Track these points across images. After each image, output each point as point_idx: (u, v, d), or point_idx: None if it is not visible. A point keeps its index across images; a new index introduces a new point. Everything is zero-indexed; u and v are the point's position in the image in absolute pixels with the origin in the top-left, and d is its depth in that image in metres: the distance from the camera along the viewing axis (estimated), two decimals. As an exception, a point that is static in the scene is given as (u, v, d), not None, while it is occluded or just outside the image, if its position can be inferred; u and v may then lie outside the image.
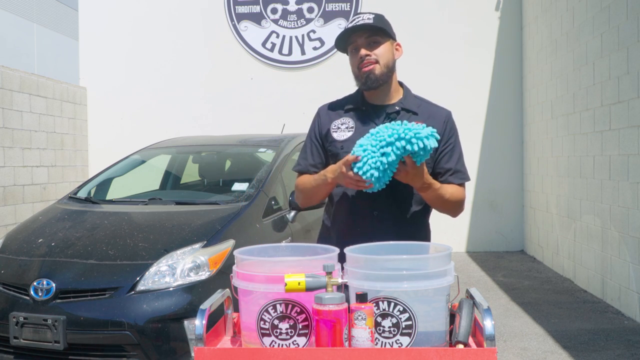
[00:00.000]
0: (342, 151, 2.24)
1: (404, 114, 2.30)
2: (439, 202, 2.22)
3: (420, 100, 2.39)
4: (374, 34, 2.24)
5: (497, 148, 8.66)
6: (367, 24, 2.22)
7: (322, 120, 2.38)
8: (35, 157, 7.60)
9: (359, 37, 2.24)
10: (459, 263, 7.47)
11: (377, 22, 2.23)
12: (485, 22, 8.68)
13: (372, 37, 2.24)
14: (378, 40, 2.25)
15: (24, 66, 12.88)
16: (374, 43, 2.24)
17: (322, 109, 2.42)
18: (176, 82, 9.04)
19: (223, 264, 3.60)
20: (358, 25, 2.23)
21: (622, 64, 5.15)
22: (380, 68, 2.24)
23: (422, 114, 2.31)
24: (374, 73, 2.23)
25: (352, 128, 2.29)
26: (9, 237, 4.07)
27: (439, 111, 2.36)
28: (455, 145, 2.32)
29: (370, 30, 2.23)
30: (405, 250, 2.00)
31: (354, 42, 2.26)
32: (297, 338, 1.69)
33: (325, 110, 2.40)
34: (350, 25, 2.25)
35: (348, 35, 2.26)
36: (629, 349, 4.25)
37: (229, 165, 5.61)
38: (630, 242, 5.01)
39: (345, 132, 2.29)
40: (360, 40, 2.24)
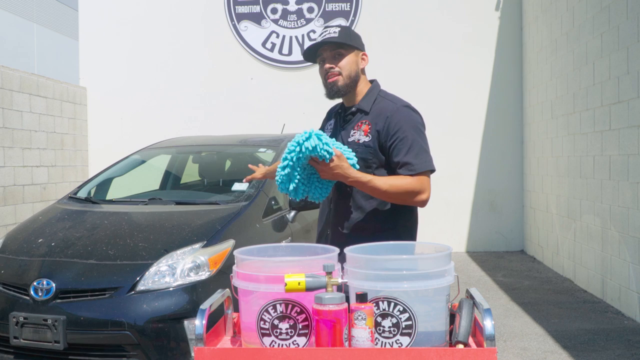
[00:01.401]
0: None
1: (358, 114, 2.46)
2: (379, 193, 2.29)
3: (380, 98, 2.47)
4: (339, 47, 2.40)
5: (497, 148, 8.66)
6: (328, 39, 2.38)
7: (323, 121, 2.68)
8: (35, 157, 7.60)
9: (325, 51, 2.43)
10: (459, 263, 7.47)
11: (341, 36, 2.39)
12: (485, 22, 8.68)
13: (337, 49, 2.41)
14: (342, 52, 2.41)
15: (24, 66, 12.88)
16: (339, 55, 2.41)
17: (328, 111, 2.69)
18: (176, 82, 9.04)
19: (223, 264, 3.60)
20: (319, 41, 2.41)
21: (622, 64, 5.15)
22: (343, 79, 2.41)
23: (372, 112, 2.44)
24: (337, 85, 2.41)
25: (332, 129, 2.54)
26: (9, 237, 4.07)
27: (387, 107, 2.42)
28: (404, 138, 2.32)
29: (334, 44, 2.40)
30: (405, 250, 2.01)
31: (320, 55, 2.45)
32: (297, 338, 1.69)
33: (328, 112, 2.68)
34: (316, 41, 2.43)
35: (316, 48, 2.43)
36: (629, 349, 4.25)
37: (229, 165, 5.61)
38: (630, 242, 5.01)
39: (328, 133, 2.53)
40: (326, 53, 2.43)
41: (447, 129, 8.56)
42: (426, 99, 8.65)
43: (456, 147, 8.58)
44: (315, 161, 2.16)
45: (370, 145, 2.35)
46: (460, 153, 8.59)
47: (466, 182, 8.65)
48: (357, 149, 2.35)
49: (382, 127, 2.35)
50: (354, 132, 2.39)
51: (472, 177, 8.68)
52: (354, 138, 2.38)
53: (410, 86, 8.68)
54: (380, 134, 2.35)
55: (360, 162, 2.33)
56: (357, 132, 2.39)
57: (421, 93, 8.67)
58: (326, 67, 2.40)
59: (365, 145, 2.35)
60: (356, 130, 2.39)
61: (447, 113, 8.64)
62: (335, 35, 2.37)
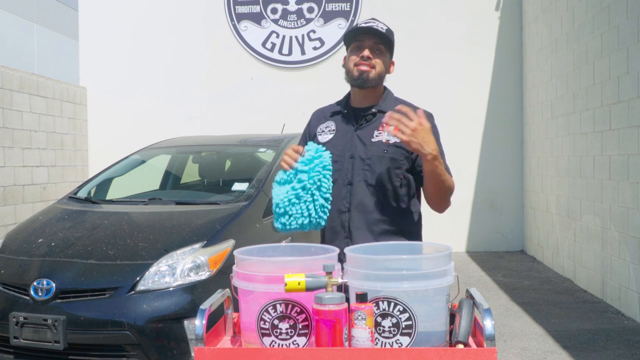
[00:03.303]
0: None
1: (379, 115, 2.36)
2: (439, 181, 2.21)
3: (400, 102, 2.42)
4: (381, 43, 2.34)
5: (497, 148, 8.66)
6: (380, 31, 2.32)
7: (312, 124, 2.51)
8: (35, 157, 7.59)
9: (368, 39, 2.33)
10: (459, 263, 7.47)
11: (388, 34, 2.34)
12: (485, 22, 8.68)
13: (379, 44, 2.33)
14: (382, 49, 2.34)
15: (24, 66, 12.88)
16: (378, 51, 2.34)
17: (314, 113, 2.55)
18: (176, 82, 9.04)
19: (223, 264, 3.60)
20: (373, 28, 2.31)
21: (622, 64, 5.15)
22: (374, 73, 2.33)
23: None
24: (368, 75, 2.32)
25: (334, 131, 2.40)
26: (9, 237, 4.07)
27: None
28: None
29: (380, 38, 2.32)
30: (405, 250, 2.01)
31: (360, 41, 2.34)
32: (297, 338, 1.69)
33: (316, 114, 2.53)
34: (364, 25, 2.33)
35: (358, 32, 2.34)
36: (629, 349, 4.25)
37: (229, 165, 5.61)
38: (630, 242, 5.01)
39: (327, 135, 2.40)
40: (368, 42, 2.33)
41: (447, 129, 8.47)
42: (426, 99, 8.60)
43: (456, 147, 8.55)
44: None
45: (403, 146, 2.24)
46: (460, 153, 8.58)
47: (466, 182, 8.65)
48: (385, 149, 2.29)
49: None
50: (380, 133, 2.31)
51: (472, 177, 8.68)
52: (381, 138, 2.30)
53: (410, 86, 8.66)
54: None
55: (389, 162, 2.28)
56: (384, 132, 2.30)
57: (421, 93, 8.65)
58: (365, 55, 2.30)
59: (396, 145, 2.28)
60: (382, 131, 2.30)
61: (447, 113, 8.62)
62: (383, 31, 2.32)
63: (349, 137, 2.35)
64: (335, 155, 2.30)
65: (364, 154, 2.30)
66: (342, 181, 2.30)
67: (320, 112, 2.53)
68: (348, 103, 2.44)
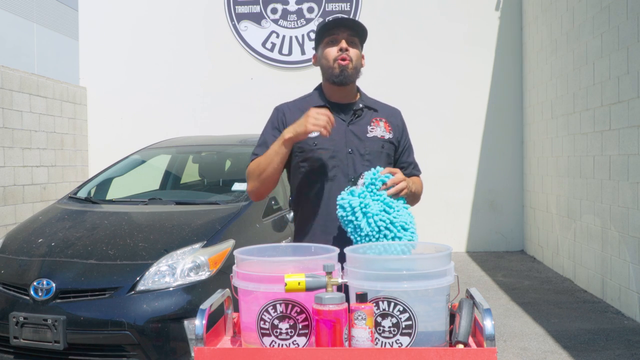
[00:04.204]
0: (315, 147, 2.27)
1: (366, 111, 2.38)
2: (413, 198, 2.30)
3: (374, 100, 2.48)
4: (355, 35, 2.31)
5: (497, 148, 8.66)
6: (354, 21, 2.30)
7: (287, 117, 2.37)
8: (35, 157, 7.59)
9: (342, 32, 2.29)
10: (459, 263, 7.47)
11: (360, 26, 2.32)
12: (485, 22, 8.68)
13: (353, 37, 2.30)
14: (356, 42, 2.32)
15: (24, 66, 12.88)
16: (353, 43, 2.31)
17: (284, 107, 2.43)
18: (176, 82, 9.04)
19: (223, 264, 3.60)
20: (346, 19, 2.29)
21: (622, 64, 5.15)
22: (352, 67, 2.30)
23: (381, 111, 2.42)
24: (348, 70, 2.28)
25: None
26: (9, 237, 4.07)
27: (394, 110, 2.48)
28: (409, 140, 2.48)
29: (353, 30, 2.30)
30: (405, 250, 2.00)
31: (334, 34, 2.29)
32: (297, 338, 1.69)
33: (287, 108, 2.41)
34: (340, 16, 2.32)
35: (331, 26, 2.29)
36: (629, 349, 4.25)
37: (229, 165, 5.61)
38: (630, 242, 5.01)
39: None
40: (343, 35, 2.29)
41: (447, 129, 8.56)
42: (426, 99, 8.66)
43: (456, 147, 8.58)
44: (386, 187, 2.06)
45: (394, 142, 2.36)
46: (460, 153, 8.59)
47: (466, 182, 8.65)
48: (382, 144, 2.31)
49: (399, 126, 2.41)
50: (373, 128, 2.32)
51: (472, 177, 8.68)
52: (375, 134, 2.31)
53: (411, 86, 8.69)
54: (397, 132, 2.39)
55: (386, 157, 2.32)
56: (377, 128, 2.32)
57: (421, 93, 8.67)
58: (343, 46, 2.25)
59: (390, 141, 2.34)
60: (374, 127, 2.32)
61: (447, 113, 8.64)
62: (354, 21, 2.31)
63: (343, 132, 2.30)
64: (332, 151, 2.27)
65: (362, 149, 2.29)
66: (343, 178, 2.25)
67: (292, 106, 2.42)
68: (326, 99, 2.37)
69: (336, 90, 2.35)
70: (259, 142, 2.41)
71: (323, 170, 2.26)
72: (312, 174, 2.28)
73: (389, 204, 2.01)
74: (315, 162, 2.27)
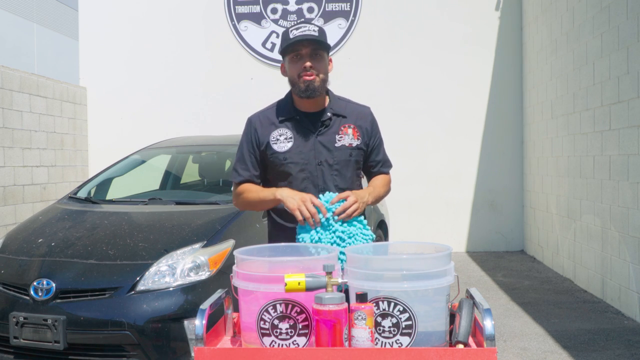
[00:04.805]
0: (286, 162, 2.35)
1: (335, 118, 2.41)
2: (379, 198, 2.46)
3: (345, 102, 2.51)
4: (319, 48, 2.34)
5: (497, 148, 8.66)
6: (316, 37, 2.31)
7: (259, 132, 2.43)
8: (35, 157, 7.59)
9: (305, 48, 2.32)
10: (459, 263, 7.47)
11: (321, 36, 2.33)
12: (485, 22, 8.68)
13: (317, 50, 2.34)
14: (321, 54, 2.36)
15: (24, 66, 12.88)
16: (317, 56, 2.34)
17: (255, 120, 2.47)
18: (176, 82, 9.04)
19: (223, 264, 3.60)
20: (308, 36, 2.30)
21: (622, 64, 5.15)
22: (319, 80, 2.34)
23: (349, 116, 2.45)
24: (314, 84, 2.32)
25: (291, 138, 2.37)
26: (9, 237, 4.07)
27: (363, 110, 2.51)
28: (381, 138, 2.54)
29: (316, 43, 2.32)
30: (405, 250, 2.01)
31: (297, 51, 2.33)
32: (297, 338, 1.69)
33: (259, 122, 2.46)
34: (299, 33, 2.31)
35: (293, 43, 2.32)
36: (629, 349, 4.25)
37: (229, 165, 5.61)
38: (630, 242, 5.01)
39: (285, 143, 2.37)
40: (305, 50, 2.33)
41: (447, 129, 8.56)
42: (426, 99, 8.65)
43: (456, 147, 8.58)
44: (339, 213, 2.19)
45: (363, 147, 2.43)
46: (460, 153, 8.59)
47: (466, 182, 8.65)
48: (350, 152, 2.38)
49: (367, 129, 2.45)
50: (341, 137, 2.38)
51: (472, 177, 8.68)
52: (344, 142, 2.38)
53: (411, 86, 8.68)
54: (366, 136, 2.44)
55: (354, 164, 2.41)
56: (346, 136, 2.38)
57: (421, 93, 8.67)
58: (307, 65, 2.30)
59: (358, 148, 2.41)
60: (343, 135, 2.38)
61: (447, 113, 8.63)
62: (316, 34, 2.31)
63: (311, 144, 2.36)
64: (301, 165, 2.34)
65: (331, 160, 2.35)
66: (313, 189, 2.32)
67: (263, 117, 2.46)
68: (295, 108, 2.42)
69: (304, 100, 2.39)
70: (237, 156, 2.49)
71: (294, 183, 2.33)
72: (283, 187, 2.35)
73: (340, 236, 2.16)
74: (286, 175, 2.36)
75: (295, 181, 2.33)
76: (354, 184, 2.40)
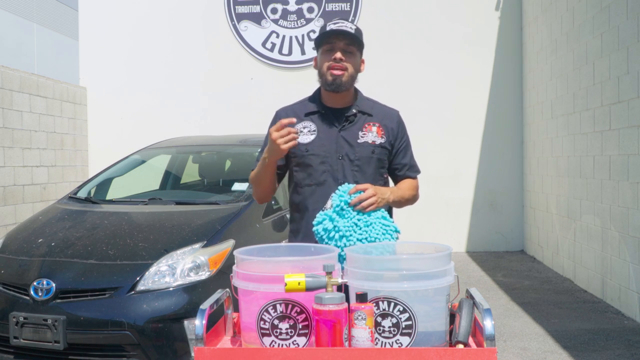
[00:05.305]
0: (307, 154, 2.36)
1: (360, 116, 2.42)
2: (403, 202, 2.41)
3: (372, 102, 2.51)
4: (352, 44, 2.35)
5: (497, 148, 8.66)
6: (351, 32, 2.33)
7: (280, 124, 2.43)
8: (35, 157, 7.60)
9: (339, 41, 2.34)
10: (459, 263, 7.47)
11: (358, 35, 2.36)
12: (485, 22, 8.68)
13: (350, 46, 2.35)
14: (353, 50, 2.37)
15: (24, 66, 12.88)
16: (349, 52, 2.36)
17: (281, 113, 2.51)
18: (176, 82, 9.04)
19: (223, 264, 3.60)
20: (343, 30, 2.32)
21: (622, 64, 5.15)
22: (347, 76, 2.35)
23: (376, 115, 2.44)
24: (341, 79, 2.34)
25: (315, 131, 2.39)
26: (9, 237, 4.07)
27: (390, 111, 2.50)
28: (408, 142, 2.51)
29: (350, 39, 2.34)
30: (405, 250, 2.01)
31: (331, 43, 2.35)
32: (297, 338, 1.69)
33: (285, 114, 2.48)
34: (335, 27, 2.34)
35: (328, 35, 2.35)
36: (629, 349, 4.25)
37: (229, 165, 5.61)
38: (630, 242, 5.01)
39: (308, 136, 2.39)
40: (339, 44, 2.34)
41: (447, 129, 8.56)
42: (426, 99, 8.66)
43: (456, 147, 8.58)
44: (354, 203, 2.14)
45: (387, 146, 2.40)
46: (460, 153, 8.59)
47: (466, 182, 8.65)
48: (373, 149, 2.36)
49: (393, 129, 2.43)
50: (364, 134, 2.37)
51: (472, 177, 8.68)
52: (367, 139, 2.36)
53: (411, 86, 8.69)
54: (391, 135, 2.42)
55: (377, 162, 2.38)
56: (369, 133, 2.37)
57: (421, 93, 8.67)
58: (337, 57, 2.32)
59: (381, 146, 2.39)
60: (366, 132, 2.38)
61: (447, 113, 8.64)
62: (351, 30, 2.33)
63: (334, 137, 2.37)
64: (322, 157, 2.34)
65: (352, 155, 2.35)
66: (333, 182, 2.32)
67: (289, 110, 2.49)
68: (322, 103, 2.44)
69: (331, 95, 2.41)
70: (261, 147, 2.50)
71: (314, 175, 2.34)
72: (304, 178, 2.38)
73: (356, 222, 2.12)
74: (306, 167, 2.36)
75: (315, 173, 2.33)
76: (376, 182, 2.35)
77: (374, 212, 2.15)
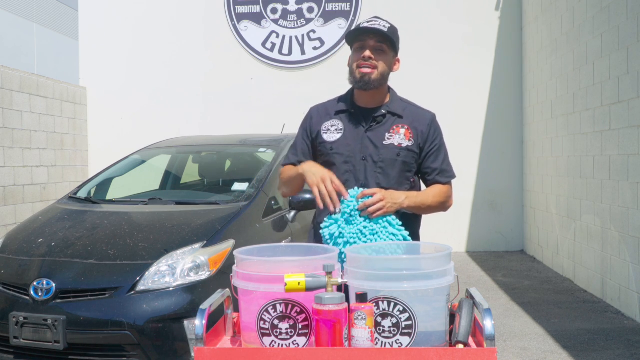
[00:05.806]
0: (332, 152, 2.34)
1: (389, 117, 2.37)
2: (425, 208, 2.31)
3: (406, 104, 2.46)
4: (384, 42, 2.33)
5: (497, 148, 8.66)
6: (381, 30, 2.30)
7: (313, 120, 2.46)
8: (35, 157, 7.59)
9: (370, 39, 2.32)
10: (459, 263, 7.47)
11: (390, 32, 2.32)
12: (485, 22, 8.68)
13: (381, 44, 2.32)
14: (385, 49, 2.34)
15: (24, 66, 12.88)
16: (380, 50, 2.33)
17: (314, 110, 2.51)
18: (176, 82, 9.04)
19: (223, 264, 3.60)
20: (374, 28, 2.30)
21: (622, 64, 5.15)
22: (377, 74, 2.32)
23: (406, 117, 2.39)
24: (370, 77, 2.31)
25: (341, 130, 2.37)
26: (9, 237, 4.07)
27: (423, 114, 2.45)
28: (441, 145, 2.42)
29: (382, 37, 2.31)
30: (405, 250, 2.00)
31: (362, 41, 2.33)
32: (297, 338, 1.69)
33: (317, 111, 2.49)
34: (367, 25, 2.32)
35: (360, 33, 2.33)
36: (629, 349, 4.25)
37: (229, 165, 5.61)
38: (630, 242, 5.01)
39: (334, 134, 2.37)
40: (370, 42, 2.32)
41: (447, 129, 8.44)
42: (426, 99, 8.58)
43: (456, 147, 8.52)
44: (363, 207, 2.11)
45: (414, 150, 2.34)
46: (460, 153, 8.56)
47: (466, 182, 8.65)
48: (398, 152, 2.31)
49: (423, 132, 2.37)
50: (392, 135, 2.32)
51: (472, 177, 8.68)
52: (393, 141, 2.31)
53: (411, 86, 8.64)
54: (420, 138, 2.36)
55: (402, 165, 2.32)
56: (396, 135, 2.32)
57: (421, 93, 8.63)
58: (366, 55, 2.29)
59: (408, 149, 2.33)
60: (393, 134, 2.32)
61: (447, 113, 8.61)
62: (385, 29, 2.30)
63: (360, 138, 2.33)
64: (346, 157, 2.31)
65: (376, 157, 2.30)
66: (354, 183, 2.29)
67: (322, 108, 2.48)
68: (353, 102, 2.42)
69: (362, 94, 2.38)
70: (292, 146, 2.52)
71: (337, 174, 2.28)
72: None
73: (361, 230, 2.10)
74: (330, 165, 2.33)
75: (337, 172, 2.29)
76: (400, 186, 2.30)
77: (382, 219, 2.11)
